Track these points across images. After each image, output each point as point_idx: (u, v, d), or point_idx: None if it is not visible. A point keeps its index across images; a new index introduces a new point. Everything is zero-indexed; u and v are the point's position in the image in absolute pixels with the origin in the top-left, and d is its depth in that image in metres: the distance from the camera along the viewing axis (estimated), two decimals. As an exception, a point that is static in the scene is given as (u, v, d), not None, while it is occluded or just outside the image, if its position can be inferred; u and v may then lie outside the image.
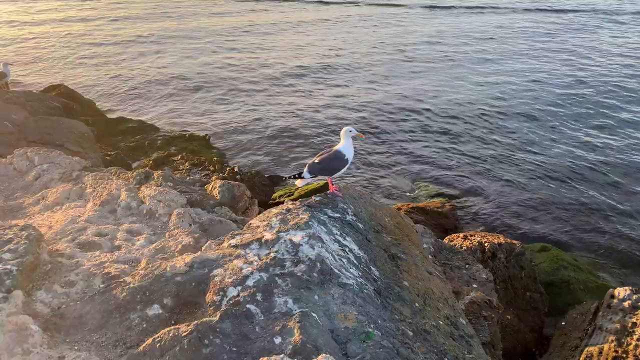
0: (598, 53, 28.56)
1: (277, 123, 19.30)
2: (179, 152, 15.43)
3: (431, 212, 12.07)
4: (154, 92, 23.05)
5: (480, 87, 23.31)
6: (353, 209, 5.84)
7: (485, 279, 7.71)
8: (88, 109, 18.41)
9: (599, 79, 23.85)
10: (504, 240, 9.12)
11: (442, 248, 8.34)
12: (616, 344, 6.82)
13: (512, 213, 13.54)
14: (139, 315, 4.16)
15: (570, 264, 10.22)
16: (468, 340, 5.04)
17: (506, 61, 27.40)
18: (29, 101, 15.08)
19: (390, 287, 4.95)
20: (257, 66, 26.95)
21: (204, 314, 4.09)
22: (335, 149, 5.73)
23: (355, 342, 3.94)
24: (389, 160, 16.50)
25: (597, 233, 12.64)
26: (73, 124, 13.25)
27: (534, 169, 15.67)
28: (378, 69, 26.36)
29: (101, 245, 5.64)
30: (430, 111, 20.43)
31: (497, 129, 18.66)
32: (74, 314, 4.21)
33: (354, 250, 5.12)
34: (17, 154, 8.41)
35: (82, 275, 4.76)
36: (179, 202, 6.95)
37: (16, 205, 6.91)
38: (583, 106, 20.63)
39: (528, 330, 8.63)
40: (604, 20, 38.19)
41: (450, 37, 33.44)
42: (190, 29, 36.63)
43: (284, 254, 4.59)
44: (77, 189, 7.27)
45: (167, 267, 4.53)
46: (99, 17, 41.65)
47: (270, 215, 5.33)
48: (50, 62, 27.93)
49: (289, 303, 4.10)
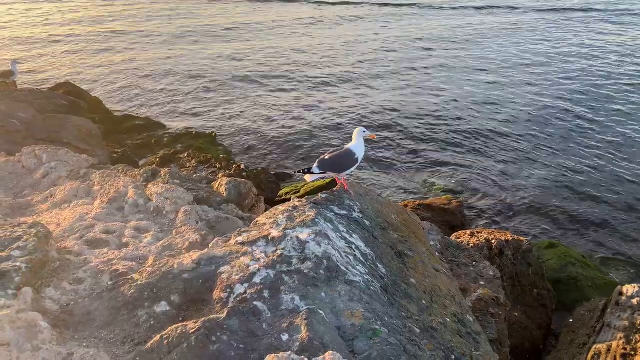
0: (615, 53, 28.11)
1: (284, 121, 19.30)
2: (185, 149, 15.47)
3: (438, 209, 12.03)
4: (160, 90, 23.12)
5: (489, 86, 23.15)
6: (360, 206, 5.83)
7: (492, 276, 7.68)
8: (95, 107, 18.51)
9: (614, 78, 23.52)
10: (511, 237, 9.07)
11: (449, 245, 8.31)
12: (625, 341, 6.78)
13: (519, 210, 13.48)
14: (147, 312, 4.18)
15: (578, 261, 10.17)
16: (475, 338, 5.03)
17: (519, 61, 26.87)
18: (37, 99, 15.17)
19: (397, 285, 4.95)
20: (265, 65, 26.93)
21: (211, 311, 4.11)
22: (346, 147, 5.81)
23: (362, 339, 3.94)
24: (395, 157, 16.46)
25: (605, 230, 12.57)
26: (80, 122, 13.31)
27: (541, 166, 15.58)
28: (387, 69, 26.22)
29: (109, 243, 5.67)
30: (438, 110, 20.35)
31: (504, 127, 18.55)
32: (82, 311, 4.24)
33: (361, 248, 5.12)
34: (26, 152, 8.46)
35: (90, 273, 4.78)
36: (185, 199, 6.97)
37: (25, 203, 6.95)
38: (597, 104, 20.39)
39: (536, 328, 8.58)
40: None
41: (460, 37, 33.09)
42: (198, 28, 36.66)
43: (291, 251, 4.59)
44: (85, 187, 7.30)
45: (175, 265, 4.55)
46: (106, 16, 41.78)
47: (277, 213, 5.34)
48: (58, 60, 28.07)
49: (296, 300, 4.11)
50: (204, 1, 48.78)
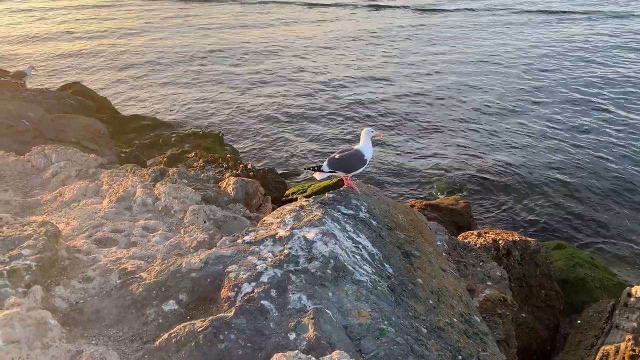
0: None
1: (290, 122, 19.34)
2: (192, 149, 15.51)
3: (445, 209, 11.98)
4: (167, 90, 23.24)
5: (495, 86, 23.05)
6: (367, 205, 5.83)
7: (499, 277, 7.65)
8: (103, 107, 18.61)
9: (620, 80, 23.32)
10: (519, 238, 9.03)
11: (456, 245, 8.29)
12: (633, 342, 6.73)
13: (526, 210, 13.43)
14: (155, 311, 4.21)
15: (586, 262, 10.10)
16: (482, 338, 5.02)
17: (529, 61, 26.70)
18: (45, 99, 15.27)
19: (404, 284, 4.94)
20: (271, 66, 26.98)
21: (218, 310, 4.13)
22: (356, 148, 5.91)
23: (369, 338, 3.94)
24: (402, 157, 16.45)
25: (614, 231, 12.49)
26: (88, 122, 13.38)
27: (549, 167, 15.50)
28: (394, 68, 26.21)
29: (117, 242, 5.70)
30: (445, 110, 20.31)
31: (512, 127, 18.48)
32: (91, 309, 4.27)
33: (368, 247, 5.12)
34: (35, 152, 8.52)
35: (99, 271, 4.81)
36: (193, 199, 6.99)
37: (34, 202, 7.01)
38: (609, 103, 20.23)
39: (543, 328, 8.55)
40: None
41: (460, 37, 33.00)
42: (205, 27, 36.77)
43: (298, 251, 4.60)
44: (94, 186, 7.35)
45: (183, 263, 4.57)
46: (113, 18, 41.99)
47: (284, 212, 5.35)
48: (66, 60, 28.26)
49: (303, 299, 4.12)
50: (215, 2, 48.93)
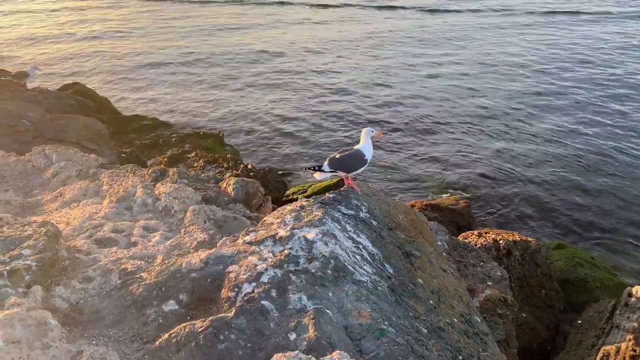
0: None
1: (291, 122, 19.34)
2: (193, 149, 15.51)
3: (445, 209, 11.99)
4: (167, 91, 23.24)
5: (497, 88, 23.02)
6: (367, 205, 5.83)
7: (500, 277, 7.65)
8: (103, 107, 18.59)
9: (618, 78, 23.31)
10: (519, 238, 9.03)
11: (456, 245, 8.29)
12: (634, 342, 6.73)
13: (527, 210, 13.42)
14: (155, 311, 4.20)
15: (586, 262, 10.10)
16: (483, 338, 5.02)
17: (529, 63, 26.64)
18: (46, 99, 15.26)
19: (404, 284, 4.94)
20: (272, 67, 26.96)
21: (219, 310, 4.12)
22: (356, 148, 5.90)
23: (369, 338, 3.94)
24: (403, 157, 16.44)
25: (615, 231, 12.48)
26: (89, 122, 13.38)
27: (549, 167, 15.50)
28: (394, 68, 26.19)
29: (118, 242, 5.70)
30: (445, 110, 20.30)
31: (512, 127, 18.48)
32: (91, 309, 4.27)
33: (368, 247, 5.12)
34: (35, 152, 8.52)
35: (100, 271, 4.81)
36: (193, 199, 6.99)
37: (34, 202, 7.01)
38: (608, 103, 20.21)
39: (544, 328, 8.54)
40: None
41: (471, 38, 32.90)
42: (206, 28, 36.76)
43: (298, 251, 4.60)
44: (94, 186, 7.35)
45: (183, 264, 4.57)
46: (114, 19, 41.98)
47: (284, 212, 5.35)
48: (67, 60, 28.26)
49: (303, 299, 4.11)
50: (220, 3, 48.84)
